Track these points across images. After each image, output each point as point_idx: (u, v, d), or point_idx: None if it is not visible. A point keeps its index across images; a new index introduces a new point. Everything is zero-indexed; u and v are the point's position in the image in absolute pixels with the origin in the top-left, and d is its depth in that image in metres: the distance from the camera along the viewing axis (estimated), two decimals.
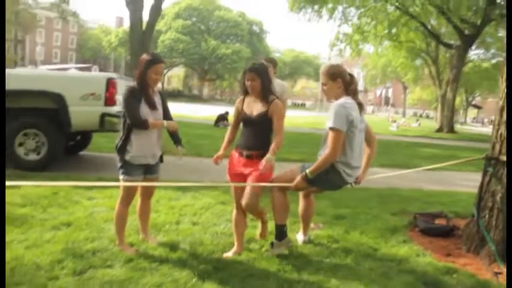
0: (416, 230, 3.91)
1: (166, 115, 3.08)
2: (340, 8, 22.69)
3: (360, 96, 3.09)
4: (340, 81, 2.87)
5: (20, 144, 5.39)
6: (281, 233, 3.00)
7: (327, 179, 2.85)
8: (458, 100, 34.75)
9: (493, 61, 32.51)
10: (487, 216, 3.42)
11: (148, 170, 3.00)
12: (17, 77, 5.45)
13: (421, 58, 31.69)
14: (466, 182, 7.23)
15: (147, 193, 3.14)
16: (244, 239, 3.19)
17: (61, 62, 53.88)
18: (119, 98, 5.69)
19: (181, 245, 3.12)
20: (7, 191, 2.95)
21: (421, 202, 4.95)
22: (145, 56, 2.92)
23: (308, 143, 11.50)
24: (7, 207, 3.58)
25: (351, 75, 2.94)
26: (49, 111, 5.38)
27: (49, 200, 4.03)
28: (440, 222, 3.96)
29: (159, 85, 2.96)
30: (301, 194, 3.37)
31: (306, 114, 34.18)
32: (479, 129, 38.51)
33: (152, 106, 2.92)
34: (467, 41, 20.49)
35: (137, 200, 3.14)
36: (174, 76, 65.63)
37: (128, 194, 2.95)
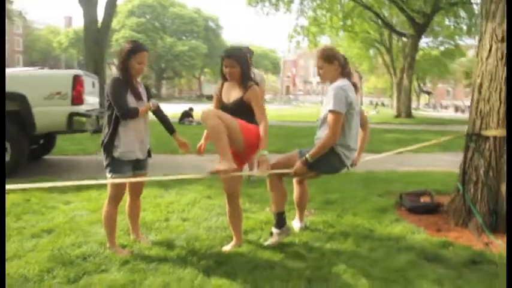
0: (403, 209, 4.00)
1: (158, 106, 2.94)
2: (296, 0, 22.99)
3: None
4: (336, 63, 2.85)
5: None
6: (280, 220, 2.95)
7: (327, 162, 2.82)
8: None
9: (442, 48, 34.22)
10: (472, 190, 3.54)
11: (137, 166, 2.84)
12: None
13: (374, 48, 32.76)
14: (434, 161, 7.54)
15: (136, 191, 2.97)
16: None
17: (8, 65, 50.70)
18: (86, 96, 5.40)
19: (176, 242, 2.99)
20: None
21: (401, 183, 5.07)
22: (126, 45, 2.75)
23: (277, 135, 11.52)
24: None
25: (344, 57, 2.92)
26: (11, 114, 4.98)
27: (22, 207, 3.74)
28: (425, 199, 4.07)
29: None
30: (295, 181, 3.33)
31: (267, 107, 34.29)
32: (431, 113, 40.37)
33: (138, 97, 2.76)
34: (419, 30, 21.33)
35: (125, 200, 2.97)
36: None
37: (117, 193, 2.77)
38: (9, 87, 4.90)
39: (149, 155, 2.96)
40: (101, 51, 15.48)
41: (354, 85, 2.89)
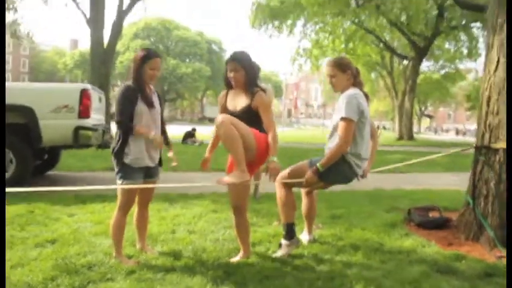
0: (412, 224, 3.93)
1: (162, 115, 2.93)
2: (299, 23, 23.43)
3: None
4: (349, 72, 2.86)
5: None
6: (289, 231, 2.90)
7: (338, 172, 2.78)
8: None
9: (442, 72, 34.58)
10: (482, 203, 3.49)
11: (148, 173, 2.81)
12: None
13: (376, 71, 33.09)
14: (437, 180, 7.50)
15: (145, 200, 2.93)
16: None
17: None
18: (93, 111, 5.42)
19: (183, 253, 2.92)
20: None
21: (409, 200, 5.01)
22: (139, 52, 2.77)
23: (281, 155, 11.48)
24: None
25: (357, 68, 2.93)
26: (18, 126, 5.00)
27: (26, 218, 3.69)
28: (433, 215, 4.00)
29: None
30: (303, 192, 3.29)
31: None
32: (433, 137, 40.39)
33: (150, 104, 2.75)
34: (420, 53, 21.64)
35: (133, 210, 2.92)
36: None
37: (128, 200, 2.73)
38: (18, 100, 4.95)
39: (160, 163, 2.94)
40: (107, 72, 15.68)
41: (366, 95, 2.88)
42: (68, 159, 7.74)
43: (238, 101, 2.78)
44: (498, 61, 3.49)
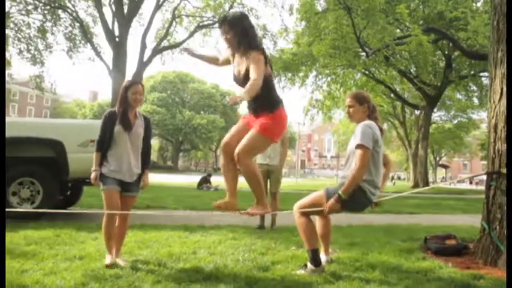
0: (428, 252, 3.95)
1: (146, 140, 3.31)
2: (311, 75, 24.20)
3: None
4: (366, 106, 3.08)
5: (14, 194, 5.20)
6: (315, 257, 2.99)
7: (355, 199, 2.90)
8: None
9: (455, 121, 34.71)
10: (497, 227, 3.54)
11: (124, 187, 3.15)
12: (16, 124, 5.45)
13: (388, 121, 33.42)
14: (455, 221, 7.41)
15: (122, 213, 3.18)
16: (267, 262, 3.17)
17: None
18: None
19: (205, 269, 3.02)
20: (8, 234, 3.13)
21: (425, 232, 5.00)
22: (123, 83, 3.21)
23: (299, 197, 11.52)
24: (11, 246, 3.41)
25: (374, 104, 3.15)
26: (47, 159, 5.30)
27: (53, 240, 3.86)
28: (450, 242, 4.03)
29: None
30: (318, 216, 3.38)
31: (283, 180, 34.29)
32: (449, 186, 39.72)
33: (126, 126, 3.11)
34: (431, 102, 22.00)
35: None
36: None
37: (107, 205, 3.08)
38: (48, 134, 5.30)
39: (139, 179, 3.26)
40: None
41: (380, 129, 3.08)
42: (88, 198, 7.94)
43: (241, 65, 2.72)
44: (502, 91, 3.70)
